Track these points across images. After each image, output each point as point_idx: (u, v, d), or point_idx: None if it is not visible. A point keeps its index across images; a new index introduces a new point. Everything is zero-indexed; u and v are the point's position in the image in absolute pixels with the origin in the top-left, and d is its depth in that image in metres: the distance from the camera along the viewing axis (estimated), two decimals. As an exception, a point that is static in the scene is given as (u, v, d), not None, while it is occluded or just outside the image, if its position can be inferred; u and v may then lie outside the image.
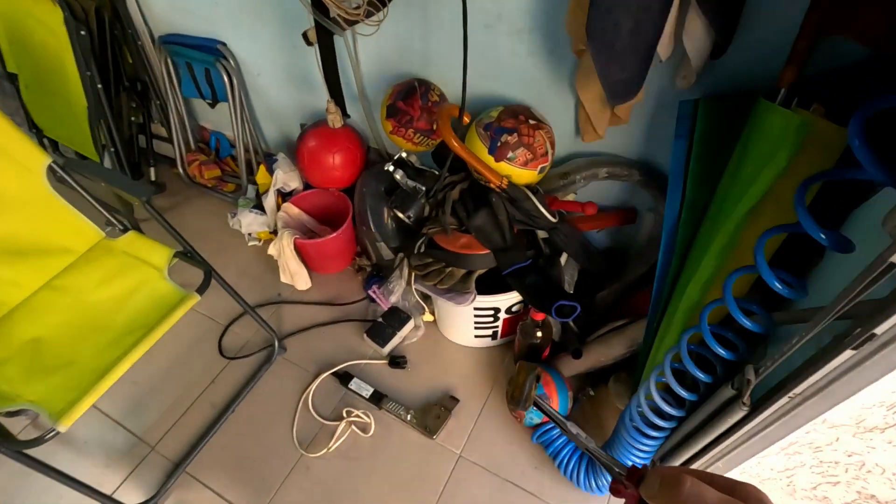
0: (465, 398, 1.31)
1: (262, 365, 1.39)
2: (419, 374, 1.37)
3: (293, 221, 1.55)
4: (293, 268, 1.49)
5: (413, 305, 1.48)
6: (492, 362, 1.39)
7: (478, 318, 1.27)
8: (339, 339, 1.46)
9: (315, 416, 1.29)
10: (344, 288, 1.58)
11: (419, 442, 1.25)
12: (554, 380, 1.17)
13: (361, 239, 1.56)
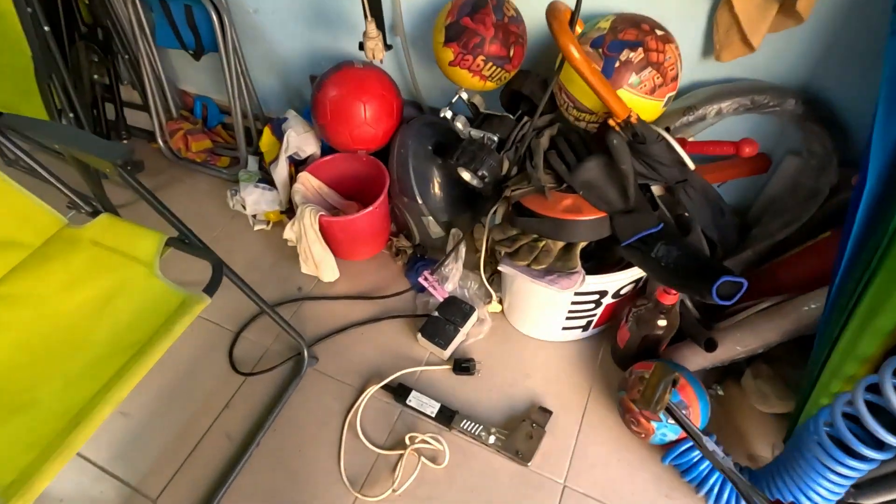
0: (557, 409, 1.02)
1: (290, 380, 1.08)
2: (494, 381, 1.08)
3: (313, 196, 1.23)
4: (317, 254, 1.17)
5: (475, 293, 1.18)
6: (583, 360, 1.10)
7: (575, 306, 0.97)
8: (384, 341, 1.15)
9: (368, 445, 0.99)
10: (380, 277, 1.27)
11: (510, 471, 0.96)
12: (692, 385, 0.89)
13: (400, 214, 1.24)
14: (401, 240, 1.29)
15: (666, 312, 0.89)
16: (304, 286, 1.26)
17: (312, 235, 1.14)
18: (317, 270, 1.22)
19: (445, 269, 1.17)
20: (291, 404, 1.06)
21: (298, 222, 1.14)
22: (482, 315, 1.15)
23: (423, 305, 1.18)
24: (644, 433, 0.91)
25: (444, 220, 1.20)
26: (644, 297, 0.94)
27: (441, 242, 1.25)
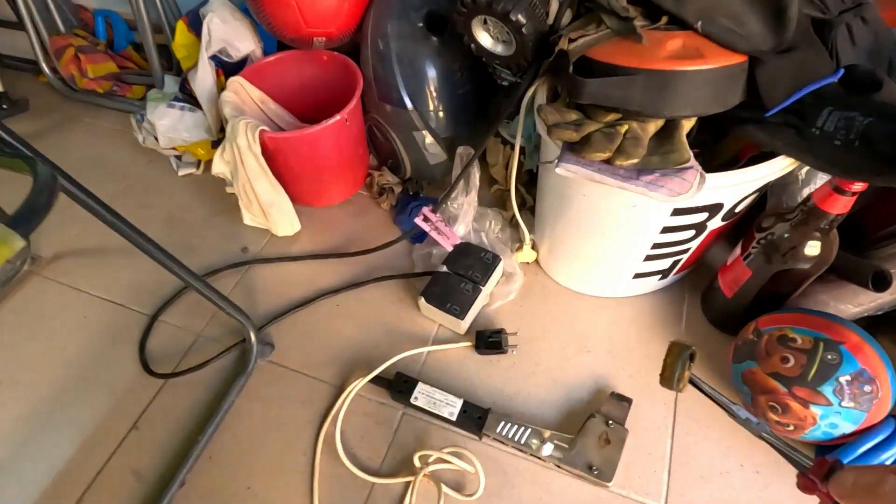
0: (638, 394, 0.68)
1: (232, 381, 0.71)
2: (537, 359, 0.73)
3: (252, 113, 0.85)
4: (264, 195, 0.80)
5: (497, 237, 0.83)
6: (662, 321, 0.76)
7: (666, 236, 0.62)
8: (370, 314, 0.79)
9: (355, 472, 0.64)
10: (359, 226, 0.90)
11: (582, 497, 0.62)
12: (870, 344, 0.55)
13: (381, 136, 0.87)
14: (385, 174, 0.92)
15: (825, 231, 0.55)
16: (251, 245, 0.88)
17: (253, 164, 0.76)
18: (267, 221, 0.85)
19: (453, 205, 0.81)
20: (235, 416, 0.69)
21: (230, 145, 0.76)
22: (510, 267, 0.80)
23: (424, 260, 0.82)
24: (795, 424, 0.57)
25: (446, 135, 0.83)
26: (772, 214, 0.60)
27: (442, 171, 0.89)
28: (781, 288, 0.62)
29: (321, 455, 0.65)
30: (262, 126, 0.74)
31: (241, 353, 0.75)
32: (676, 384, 0.49)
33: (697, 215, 0.59)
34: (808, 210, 0.54)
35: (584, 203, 0.62)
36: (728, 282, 0.67)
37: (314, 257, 0.85)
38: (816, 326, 0.57)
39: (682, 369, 0.50)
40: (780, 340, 0.58)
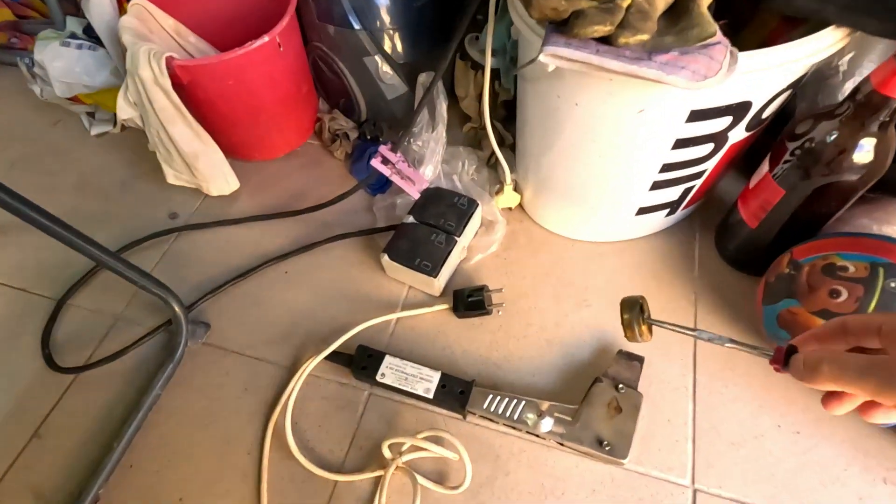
0: (650, 352, 0.57)
1: (157, 369, 0.58)
2: (528, 319, 0.61)
3: (166, 47, 0.69)
4: (185, 142, 0.65)
5: (472, 180, 0.70)
6: (672, 264, 0.65)
7: (679, 152, 0.50)
8: (325, 280, 0.66)
9: (313, 470, 0.51)
10: (310, 180, 0.76)
11: (592, 477, 0.51)
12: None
13: (329, 71, 0.73)
14: (337, 118, 0.78)
15: (883, 127, 0.43)
16: (180, 210, 0.74)
17: (164, 103, 0.61)
18: (195, 178, 0.70)
19: (417, 143, 0.67)
20: (161, 413, 0.56)
21: (132, 79, 0.61)
22: (489, 214, 0.67)
23: (388, 212, 0.69)
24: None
25: (404, 60, 0.69)
26: (809, 117, 0.48)
27: (403, 107, 0.75)
28: (820, 209, 0.51)
29: (270, 452, 0.53)
30: (170, 52, 0.59)
31: (166, 336, 0.62)
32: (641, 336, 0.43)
33: (719, 120, 0.46)
34: (861, 100, 0.43)
35: (577, 116, 0.49)
36: (753, 209, 0.55)
37: (257, 219, 0.71)
38: (871, 249, 0.46)
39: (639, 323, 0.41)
40: (827, 270, 0.46)
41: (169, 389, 0.58)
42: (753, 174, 0.56)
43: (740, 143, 0.52)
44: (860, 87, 0.43)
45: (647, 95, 0.43)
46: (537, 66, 0.45)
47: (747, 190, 0.56)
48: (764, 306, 0.52)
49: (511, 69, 0.64)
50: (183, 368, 0.59)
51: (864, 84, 0.42)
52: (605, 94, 0.44)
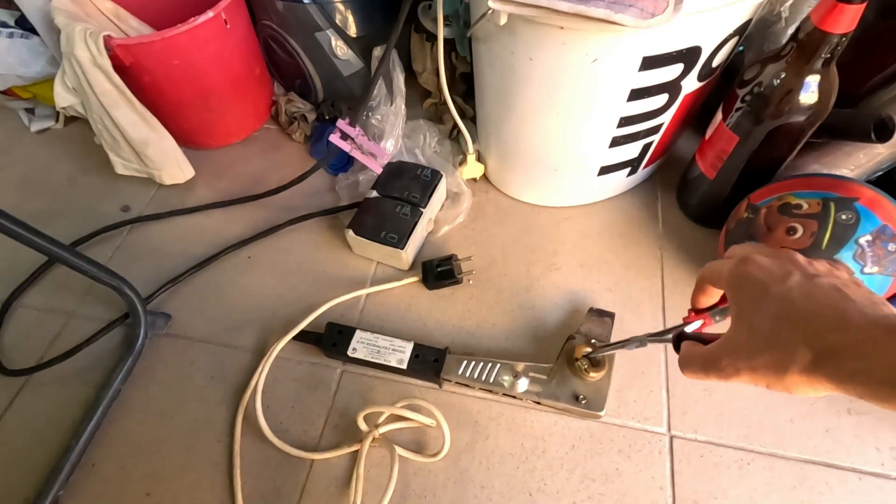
0: (620, 306, 0.57)
1: (115, 365, 0.55)
2: (499, 285, 0.61)
3: (100, 26, 0.66)
4: (131, 127, 0.62)
5: (435, 151, 0.69)
6: (636, 224, 0.65)
7: (635, 104, 0.50)
8: (290, 262, 0.64)
9: (287, 450, 0.50)
10: (269, 164, 0.74)
11: (571, 434, 0.50)
12: (885, 197, 0.46)
13: (282, 50, 0.71)
14: (293, 100, 0.76)
15: (826, 63, 0.45)
16: (133, 203, 0.71)
17: (105, 86, 0.58)
18: (146, 166, 0.67)
19: (375, 117, 0.66)
20: (123, 408, 0.54)
21: (69, 62, 0.57)
22: (454, 186, 0.67)
23: (351, 190, 0.68)
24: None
25: (358, 34, 0.68)
26: (756, 62, 0.49)
27: (360, 84, 0.73)
28: (773, 153, 0.52)
29: (242, 437, 0.51)
30: (107, 31, 0.56)
31: (125, 330, 0.59)
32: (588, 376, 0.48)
33: (671, 68, 0.47)
34: (804, 39, 0.44)
35: (533, 72, 0.49)
36: (710, 160, 0.56)
37: (215, 206, 0.69)
38: (822, 186, 0.47)
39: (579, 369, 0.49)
40: (783, 209, 0.48)
41: (130, 383, 0.55)
42: (709, 126, 0.57)
43: (694, 93, 0.53)
44: (802, 25, 0.44)
45: (599, 43, 0.43)
46: (490, 22, 0.45)
47: (704, 142, 0.57)
48: (727, 253, 0.53)
49: (465, 37, 0.63)
50: (144, 361, 0.56)
51: (806, 23, 0.43)
52: (559, 45, 0.44)
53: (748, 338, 0.26)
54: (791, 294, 0.25)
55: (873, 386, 0.22)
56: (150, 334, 0.57)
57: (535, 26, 0.43)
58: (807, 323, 0.24)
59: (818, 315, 0.24)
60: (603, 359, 0.51)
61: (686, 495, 0.47)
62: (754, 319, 0.26)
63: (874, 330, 0.23)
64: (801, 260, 0.27)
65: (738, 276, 0.28)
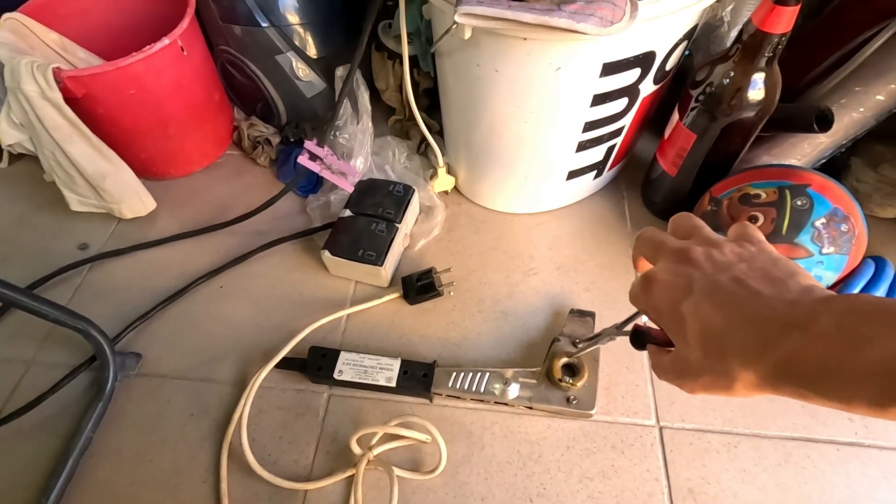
0: (599, 305, 0.59)
1: (84, 412, 0.52)
2: (479, 294, 0.61)
3: (44, 59, 0.64)
4: (86, 161, 0.60)
5: (405, 168, 0.69)
6: (605, 226, 0.67)
7: (597, 109, 0.52)
8: (264, 289, 0.62)
9: (278, 483, 0.48)
10: (234, 191, 0.72)
11: (565, 435, 0.51)
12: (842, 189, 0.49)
13: (241, 75, 0.70)
14: (255, 124, 0.75)
15: (769, 62, 0.48)
16: (91, 240, 0.67)
17: (57, 120, 0.56)
18: (104, 201, 0.64)
19: (343, 137, 0.66)
20: (96, 457, 0.50)
21: (14, 97, 0.55)
22: (427, 200, 0.67)
23: (323, 211, 0.67)
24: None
25: (319, 55, 0.68)
26: (706, 64, 0.52)
27: (324, 104, 0.73)
28: (728, 147, 0.55)
29: (228, 474, 0.48)
30: (56, 63, 0.54)
31: (92, 374, 0.55)
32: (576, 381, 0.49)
33: (629, 73, 0.49)
34: (747, 40, 0.47)
35: (498, 83, 0.50)
36: (671, 158, 0.59)
37: (181, 237, 0.67)
38: (776, 176, 0.50)
39: (561, 381, 0.50)
40: (743, 200, 0.50)
41: (102, 430, 0.52)
42: (666, 126, 0.59)
43: (651, 96, 0.56)
44: (745, 28, 0.47)
45: (561, 52, 0.45)
46: (454, 36, 0.46)
47: (664, 141, 0.60)
48: (694, 245, 0.55)
49: (428, 53, 0.64)
50: (115, 405, 0.53)
51: (748, 25, 0.46)
52: (523, 56, 0.46)
53: (687, 363, 0.26)
54: (700, 311, 0.25)
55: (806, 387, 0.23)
56: (121, 376, 0.54)
57: (500, 38, 0.45)
58: (725, 341, 0.25)
59: (734, 329, 0.24)
60: (582, 365, 0.51)
61: (680, 483, 0.48)
62: (684, 348, 0.26)
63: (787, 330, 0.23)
64: (699, 257, 0.27)
65: (651, 307, 0.28)
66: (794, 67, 0.62)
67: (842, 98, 0.57)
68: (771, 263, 0.26)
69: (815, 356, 0.22)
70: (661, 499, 0.47)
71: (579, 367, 0.51)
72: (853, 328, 0.22)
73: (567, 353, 0.52)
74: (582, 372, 0.51)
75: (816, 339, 0.22)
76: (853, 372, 0.21)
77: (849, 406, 0.22)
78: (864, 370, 0.21)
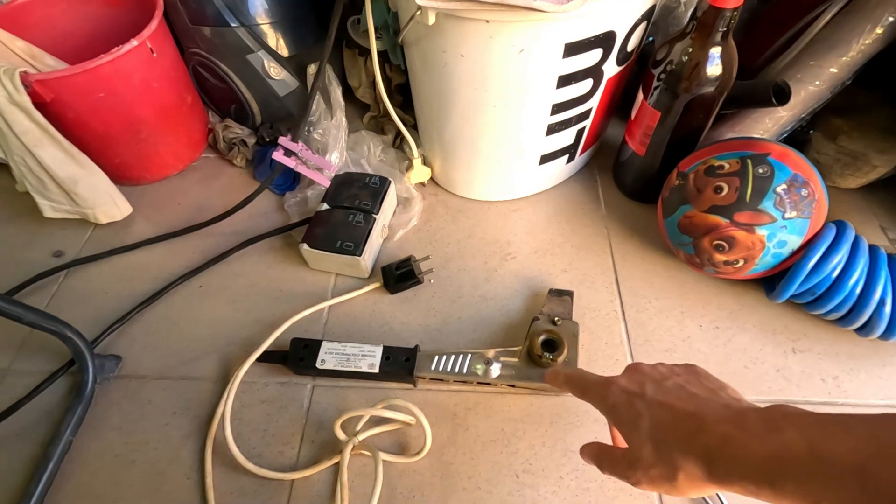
0: (577, 284, 0.60)
1: (63, 417, 0.51)
2: (459, 281, 0.61)
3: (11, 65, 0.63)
4: (58, 166, 0.59)
5: (380, 161, 0.70)
6: (580, 208, 0.69)
7: (563, 91, 0.54)
8: (244, 287, 0.62)
9: (264, 474, 0.47)
10: (211, 193, 0.72)
11: (548, 409, 0.51)
12: (801, 156, 0.51)
13: (213, 76, 0.70)
14: (230, 126, 0.75)
15: (724, 36, 0.50)
16: (66, 247, 0.67)
17: (26, 124, 0.55)
18: (78, 206, 0.64)
19: (317, 132, 0.67)
20: (77, 461, 0.50)
21: (-17, 103, 0.54)
22: (404, 192, 0.68)
23: (300, 207, 0.67)
24: (744, 256, 0.51)
25: (290, 53, 0.69)
26: (665, 43, 0.54)
27: (297, 103, 0.74)
28: (692, 123, 0.57)
29: (213, 469, 0.48)
30: (24, 68, 0.54)
31: (70, 379, 0.55)
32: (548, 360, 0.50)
33: (591, 53, 0.51)
34: (702, 17, 0.49)
35: (465, 68, 0.51)
36: (639, 137, 0.60)
37: (157, 240, 0.66)
38: (738, 147, 0.52)
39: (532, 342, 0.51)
40: (708, 172, 0.52)
41: (82, 434, 0.51)
42: (632, 108, 0.61)
43: (615, 78, 0.57)
44: (699, 5, 0.49)
45: (524, 33, 0.46)
46: (419, 24, 0.47)
47: (631, 122, 0.62)
48: (665, 220, 0.57)
49: (397, 46, 0.65)
50: (95, 409, 0.53)
51: (701, 2, 0.48)
52: (486, 39, 0.47)
53: (639, 455, 0.31)
54: (653, 412, 0.31)
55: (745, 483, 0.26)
56: (100, 379, 0.54)
57: (463, 22, 0.46)
58: (670, 432, 0.30)
59: (678, 421, 0.30)
60: (561, 341, 0.52)
61: (663, 451, 0.49)
62: (637, 444, 0.31)
63: (720, 423, 0.28)
64: (646, 369, 0.35)
65: (610, 408, 0.34)
66: (751, 48, 0.65)
67: (797, 73, 0.59)
68: (704, 377, 0.33)
69: (741, 444, 0.27)
70: (645, 467, 0.48)
71: (559, 343, 0.52)
72: (772, 422, 0.27)
73: (547, 330, 0.52)
74: (562, 348, 0.51)
75: (743, 431, 0.27)
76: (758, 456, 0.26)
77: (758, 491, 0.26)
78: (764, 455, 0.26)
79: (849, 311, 0.51)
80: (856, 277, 0.49)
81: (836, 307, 0.51)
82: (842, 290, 0.50)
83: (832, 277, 0.50)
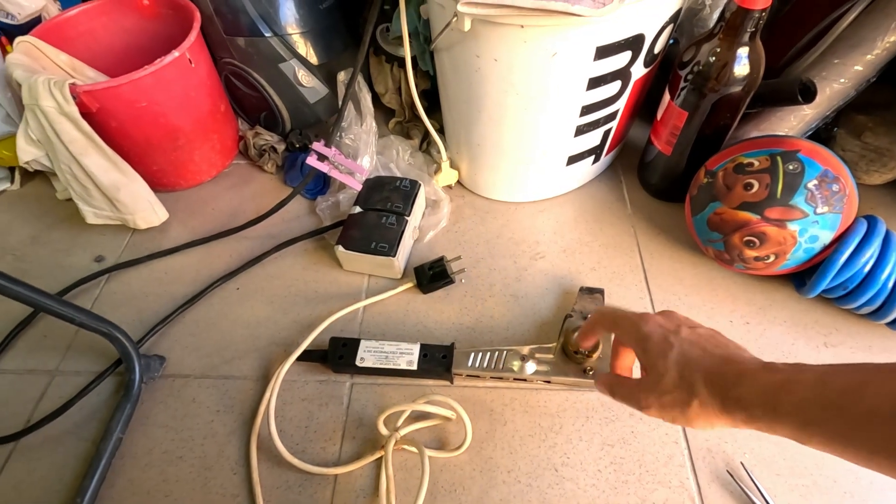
0: (606, 282, 0.61)
1: (112, 414, 0.53)
2: (491, 280, 0.63)
3: (64, 82, 0.66)
4: (102, 173, 0.61)
5: (409, 164, 0.72)
6: (606, 208, 0.70)
7: (592, 93, 0.55)
8: (282, 288, 0.64)
9: (309, 469, 0.49)
10: (243, 198, 0.74)
11: (584, 405, 0.52)
12: (830, 152, 0.52)
13: (245, 85, 0.72)
14: (261, 133, 0.77)
15: (752, 37, 0.51)
16: (106, 252, 0.69)
17: (73, 134, 0.58)
18: (119, 212, 0.66)
19: (348, 138, 0.68)
20: (126, 457, 0.51)
21: (32, 114, 0.57)
22: (432, 194, 0.69)
23: (332, 210, 0.69)
24: (775, 252, 0.52)
25: (320, 62, 0.71)
26: (692, 44, 0.55)
27: (326, 109, 0.76)
28: (719, 122, 0.58)
29: (259, 465, 0.49)
30: (72, 80, 0.56)
31: (117, 379, 0.57)
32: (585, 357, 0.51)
33: (621, 56, 0.52)
34: (730, 17, 0.50)
35: (498, 72, 0.52)
36: (665, 137, 0.62)
37: (194, 244, 0.68)
38: (766, 145, 0.53)
39: (567, 339, 0.52)
40: (737, 169, 0.53)
41: (131, 431, 0.53)
42: (657, 108, 0.62)
43: (641, 79, 0.58)
44: (727, 6, 0.50)
45: (557, 38, 0.48)
46: (454, 30, 0.49)
47: (657, 122, 0.63)
48: (693, 217, 0.58)
49: (426, 52, 0.67)
50: (142, 407, 0.54)
51: (729, 3, 0.49)
52: (520, 43, 0.48)
53: (658, 381, 0.33)
54: (684, 346, 0.34)
55: (752, 409, 0.29)
56: (146, 378, 0.55)
57: (498, 27, 0.47)
58: (697, 366, 0.32)
59: (706, 359, 0.32)
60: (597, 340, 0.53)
61: (699, 444, 0.49)
62: (662, 368, 0.33)
63: (750, 364, 0.31)
64: (681, 317, 0.37)
65: (643, 336, 0.36)
66: (773, 48, 0.65)
67: (822, 71, 0.60)
68: (732, 341, 0.35)
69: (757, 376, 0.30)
70: (682, 459, 0.49)
71: (595, 344, 0.53)
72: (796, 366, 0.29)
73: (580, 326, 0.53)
74: (597, 344, 0.52)
75: (770, 371, 0.30)
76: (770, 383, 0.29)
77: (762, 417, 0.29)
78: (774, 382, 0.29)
79: (881, 304, 0.52)
80: (888, 271, 0.50)
81: (869, 301, 0.52)
82: (874, 283, 0.51)
83: (864, 272, 0.51)
